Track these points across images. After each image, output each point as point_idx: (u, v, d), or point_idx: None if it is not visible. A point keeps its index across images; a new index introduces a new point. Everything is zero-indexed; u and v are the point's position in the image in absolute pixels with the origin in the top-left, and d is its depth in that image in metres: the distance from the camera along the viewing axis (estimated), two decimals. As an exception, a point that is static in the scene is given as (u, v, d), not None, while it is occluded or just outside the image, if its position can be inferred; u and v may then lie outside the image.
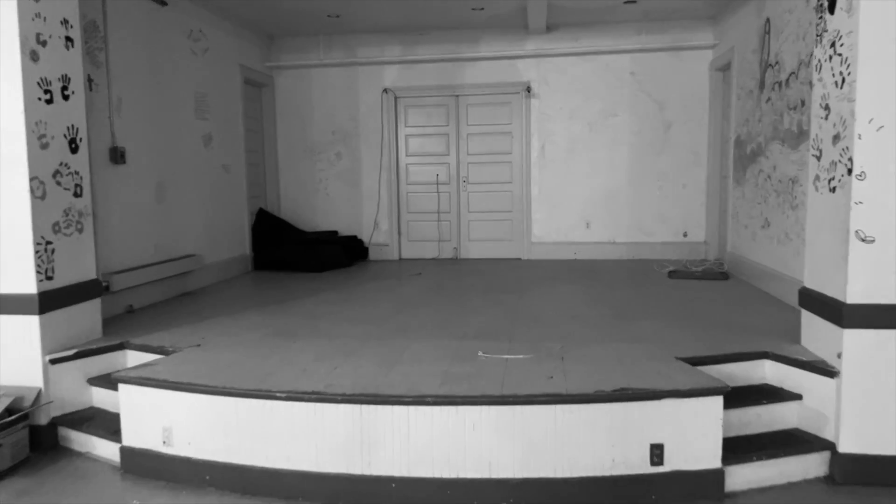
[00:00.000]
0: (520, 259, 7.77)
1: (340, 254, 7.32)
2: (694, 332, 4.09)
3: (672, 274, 6.31)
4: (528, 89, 7.57)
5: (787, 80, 5.01)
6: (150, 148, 5.40)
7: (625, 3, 6.48)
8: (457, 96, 7.78)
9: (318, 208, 8.03)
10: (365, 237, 7.98)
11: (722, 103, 6.97)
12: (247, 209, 7.17)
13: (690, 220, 7.43)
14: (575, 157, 7.58)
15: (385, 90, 7.79)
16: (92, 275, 4.14)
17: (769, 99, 5.41)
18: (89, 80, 4.67)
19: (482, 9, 6.62)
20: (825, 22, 3.46)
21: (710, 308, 4.85)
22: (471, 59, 7.59)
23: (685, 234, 7.44)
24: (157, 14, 5.51)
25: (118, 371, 3.61)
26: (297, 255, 7.12)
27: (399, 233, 8.00)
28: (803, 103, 4.69)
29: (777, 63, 5.24)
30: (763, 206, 5.59)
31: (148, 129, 5.37)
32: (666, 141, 7.40)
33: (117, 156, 4.91)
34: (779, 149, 5.21)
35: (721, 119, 6.98)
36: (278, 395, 3.11)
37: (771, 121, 5.37)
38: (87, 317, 4.08)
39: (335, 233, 7.91)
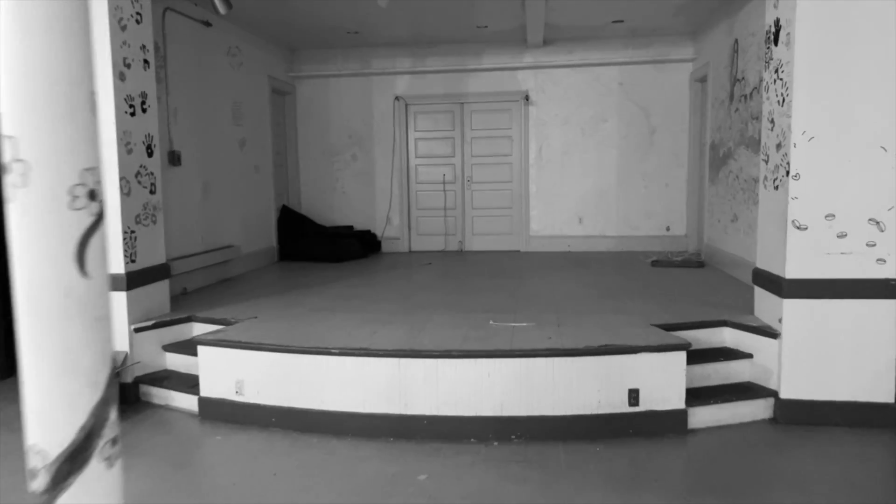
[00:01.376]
0: (519, 251, 8.56)
1: (357, 246, 8.09)
2: (668, 307, 4.89)
3: (655, 263, 7.11)
4: (527, 97, 8.37)
5: (751, 93, 5.83)
6: (198, 151, 6.16)
7: (613, 21, 7.27)
8: (462, 104, 8.58)
9: (336, 205, 8.80)
10: (378, 231, 8.76)
11: (700, 111, 7.78)
12: (273, 205, 7.94)
13: (673, 215, 8.24)
14: (569, 159, 8.38)
15: (397, 98, 8.58)
16: (162, 259, 4.92)
17: (737, 109, 6.23)
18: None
19: (486, 26, 7.41)
20: (771, 51, 4.27)
21: (685, 289, 5.66)
22: (474, 70, 8.38)
23: (668, 229, 8.25)
24: (202, 33, 6.27)
25: (198, 335, 4.39)
26: (318, 248, 7.89)
27: (409, 227, 8.79)
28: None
29: (743, 78, 6.05)
30: (732, 202, 6.40)
31: (196, 134, 6.13)
32: (650, 144, 8.21)
33: (175, 158, 5.68)
34: (745, 153, 6.02)
35: (700, 125, 7.79)
36: (333, 350, 3.90)
37: (738, 128, 6.18)
38: (159, 294, 4.86)
39: (351, 227, 8.69)
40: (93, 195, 0.86)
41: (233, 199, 6.86)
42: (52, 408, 0.83)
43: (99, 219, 0.87)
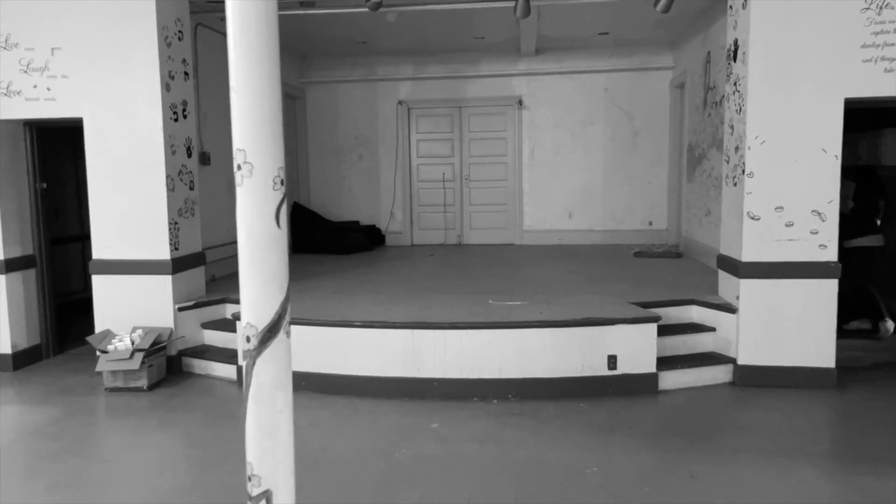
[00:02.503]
0: (513, 244, 9.23)
1: (363, 239, 8.74)
2: (646, 290, 5.57)
3: (637, 254, 7.80)
4: (520, 102, 9.04)
5: (720, 101, 6.51)
6: (222, 152, 6.79)
7: (599, 33, 7.95)
8: (460, 108, 9.24)
9: (343, 202, 9.45)
10: (382, 226, 9.41)
11: (679, 115, 8.47)
12: (287, 202, 8.56)
13: (654, 211, 8.94)
14: (559, 159, 9.06)
15: (400, 102, 9.23)
16: (199, 248, 5.56)
17: (709, 114, 6.92)
18: (186, 101, 6.07)
19: (483, 37, 8.07)
20: (731, 67, 4.95)
21: (661, 275, 6.34)
22: (472, 76, 9.04)
23: (650, 223, 8.95)
24: (225, 45, 6.89)
25: (235, 313, 5.03)
26: (327, 240, 8.54)
27: (411, 222, 9.45)
28: (730, 119, 6.18)
29: (714, 87, 6.74)
30: (706, 198, 7.10)
31: (221, 137, 6.76)
32: (634, 146, 8.90)
33: (205, 158, 6.31)
34: (716, 154, 6.70)
35: (679, 128, 8.48)
36: (356, 323, 4.56)
37: (710, 132, 6.87)
38: (197, 278, 5.50)
39: (357, 222, 9.34)
40: (282, 182, 1.51)
41: (252, 196, 7.48)
42: (259, 301, 1.47)
43: (284, 196, 1.53)
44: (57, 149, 6.76)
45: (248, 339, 1.50)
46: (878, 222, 5.37)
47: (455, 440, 3.83)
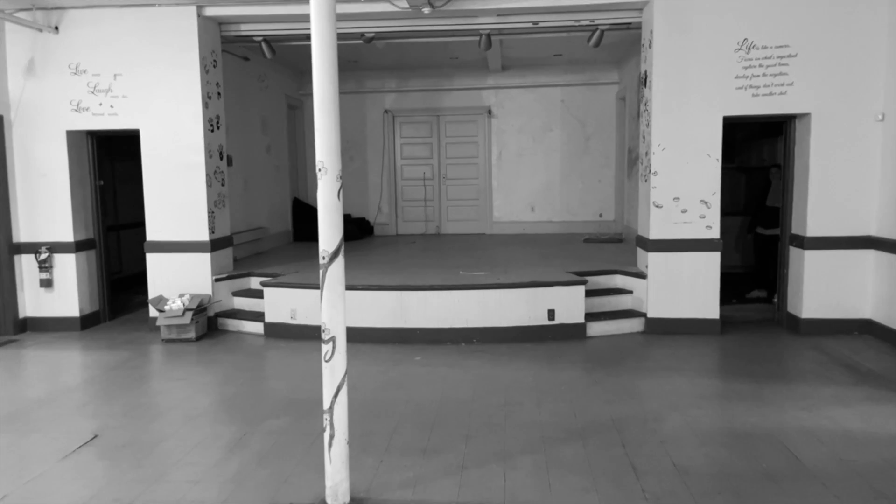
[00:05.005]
0: (484, 234, 10.70)
1: (355, 230, 10.15)
2: (584, 263, 7.06)
3: (586, 240, 9.31)
4: (489, 111, 10.52)
5: (648, 114, 8.03)
6: (241, 155, 8.17)
7: (554, 55, 9.45)
8: (438, 116, 10.69)
9: (336, 197, 10.84)
10: (371, 218, 10.83)
11: (623, 123, 10.00)
12: (289, 197, 9.97)
13: (604, 204, 10.47)
14: (522, 160, 10.55)
15: (385, 111, 10.66)
16: (228, 233, 6.95)
17: (639, 125, 8.44)
18: (213, 114, 7.44)
19: (457, 57, 9.53)
20: (643, 90, 6.47)
21: (601, 255, 7.85)
22: (448, 89, 10.50)
23: (601, 215, 10.47)
24: (242, 66, 8.29)
25: (263, 280, 6.43)
26: (324, 231, 9.92)
27: (396, 215, 10.88)
28: (654, 129, 7.69)
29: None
30: (639, 193, 8.62)
31: (240, 142, 8.13)
32: (586, 149, 10.42)
33: (229, 161, 7.69)
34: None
35: (622, 134, 10.01)
36: (358, 287, 5.99)
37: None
38: (227, 257, 6.89)
39: (349, 215, 10.74)
40: (339, 178, 2.94)
41: (263, 192, 8.89)
42: (329, 238, 2.90)
43: (341, 185, 2.96)
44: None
45: (323, 258, 2.94)
46: None
47: (432, 365, 5.29)
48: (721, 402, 4.43)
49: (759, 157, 8.83)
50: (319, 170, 2.91)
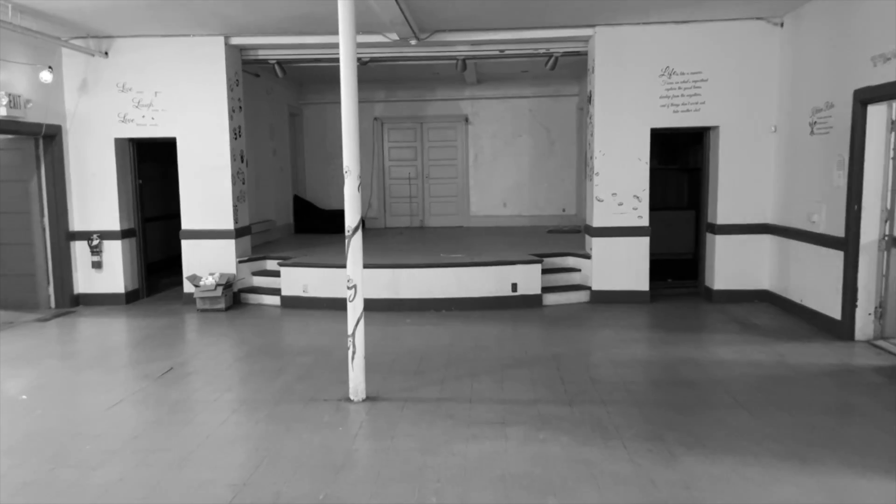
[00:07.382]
0: (463, 226, 12.15)
1: (349, 223, 11.54)
2: (544, 248, 8.54)
3: (550, 231, 10.80)
4: (467, 119, 11.97)
5: (599, 123, 9.53)
6: (253, 157, 9.53)
7: (522, 71, 10.93)
8: (421, 123, 12.12)
9: (331, 194, 12.24)
10: (362, 213, 12.22)
11: (582, 130, 11.50)
12: (291, 194, 11.34)
13: (567, 201, 11.97)
14: (496, 162, 12.03)
15: (375, 118, 12.07)
16: (248, 223, 8.32)
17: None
18: (232, 123, 8.80)
19: (438, 73, 10.97)
20: (588, 105, 7.96)
21: (559, 241, 9.33)
22: (430, 100, 11.94)
23: (564, 210, 11.98)
24: (253, 81, 9.65)
25: (279, 261, 7.82)
26: (321, 224, 11.32)
27: (384, 210, 12.30)
28: (603, 137, 9.20)
29: (596, 113, 9.75)
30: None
31: (252, 146, 9.49)
32: (551, 153, 11.92)
33: (245, 162, 9.05)
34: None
35: (582, 140, 11.51)
36: (358, 265, 7.40)
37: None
38: (247, 243, 8.27)
39: (342, 210, 12.12)
40: (359, 177, 4.35)
41: (270, 190, 10.26)
42: (352, 216, 4.30)
43: (360, 183, 4.37)
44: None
45: (348, 231, 4.37)
46: None
47: (419, 325, 6.73)
48: (636, 344, 5.94)
49: (695, 160, 10.37)
50: (346, 172, 4.33)
